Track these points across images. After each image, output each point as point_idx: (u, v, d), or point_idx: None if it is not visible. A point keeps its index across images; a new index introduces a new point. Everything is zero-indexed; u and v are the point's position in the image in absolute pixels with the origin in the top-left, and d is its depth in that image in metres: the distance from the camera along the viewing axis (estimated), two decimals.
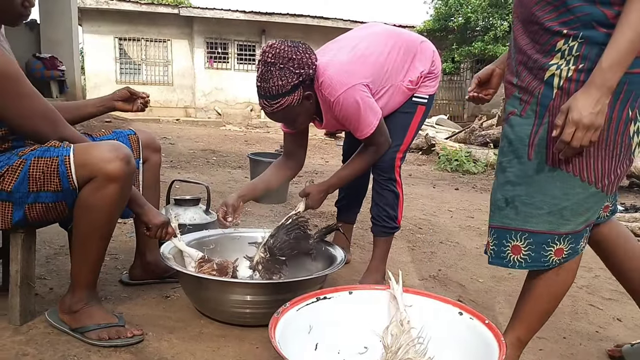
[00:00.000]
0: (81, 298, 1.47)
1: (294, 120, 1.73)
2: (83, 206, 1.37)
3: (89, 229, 1.40)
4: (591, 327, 1.82)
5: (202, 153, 6.22)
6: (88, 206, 1.37)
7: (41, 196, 1.36)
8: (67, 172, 1.33)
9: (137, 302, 1.76)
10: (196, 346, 1.48)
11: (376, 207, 1.99)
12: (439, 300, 1.41)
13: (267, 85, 1.60)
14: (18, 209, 1.37)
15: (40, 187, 1.35)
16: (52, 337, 1.46)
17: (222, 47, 14.17)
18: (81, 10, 12.13)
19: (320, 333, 1.36)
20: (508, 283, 2.24)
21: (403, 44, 1.89)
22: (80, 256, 1.45)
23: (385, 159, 1.91)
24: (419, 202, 3.99)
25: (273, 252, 1.70)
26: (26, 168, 1.34)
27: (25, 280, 1.49)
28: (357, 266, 2.27)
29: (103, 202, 1.36)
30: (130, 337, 1.45)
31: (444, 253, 2.65)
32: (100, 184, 1.34)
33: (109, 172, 1.33)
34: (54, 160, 1.34)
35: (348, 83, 1.68)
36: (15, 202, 1.36)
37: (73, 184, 1.35)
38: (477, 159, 6.40)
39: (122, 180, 1.36)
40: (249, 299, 1.56)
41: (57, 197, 1.37)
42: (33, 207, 1.37)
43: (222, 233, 2.02)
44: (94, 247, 1.44)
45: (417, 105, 1.95)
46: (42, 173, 1.34)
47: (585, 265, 2.56)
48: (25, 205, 1.37)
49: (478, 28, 13.62)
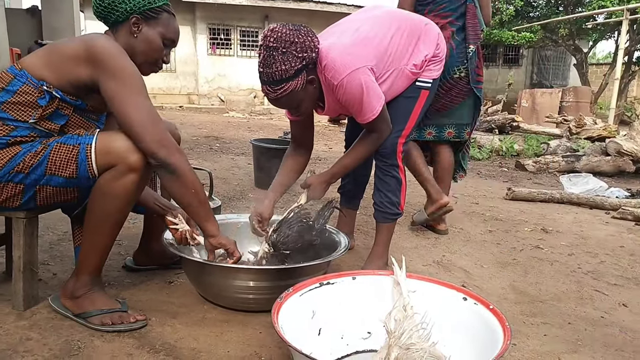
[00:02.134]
0: (85, 283, 1.47)
1: (298, 105, 1.70)
2: (100, 192, 1.38)
3: (102, 215, 1.41)
4: (596, 313, 1.81)
5: (205, 140, 6.21)
6: (105, 193, 1.38)
7: (54, 180, 1.37)
8: (87, 160, 1.35)
9: (140, 288, 1.76)
10: (199, 331, 1.48)
11: (378, 193, 1.97)
12: (442, 285, 1.40)
13: (270, 70, 1.56)
14: (29, 190, 1.38)
15: (55, 171, 1.36)
16: (56, 322, 1.46)
17: (224, 33, 14.06)
18: None
19: (323, 318, 1.36)
20: (512, 268, 2.23)
21: (407, 26, 1.85)
22: (90, 242, 1.45)
23: (387, 145, 1.88)
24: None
25: (277, 246, 1.70)
26: (47, 153, 1.35)
27: (28, 265, 1.49)
28: (361, 252, 2.26)
29: (121, 190, 1.38)
30: (133, 322, 1.45)
31: (448, 239, 2.63)
32: (120, 173, 1.36)
33: (130, 162, 1.36)
34: (75, 147, 1.36)
35: (352, 66, 1.64)
36: (29, 184, 1.37)
37: (92, 171, 1.36)
38: (482, 145, 6.35)
39: (142, 171, 1.39)
40: (252, 285, 1.56)
41: (69, 183, 1.38)
42: (43, 188, 1.38)
43: (224, 219, 2.02)
44: (105, 234, 1.44)
45: (421, 89, 1.91)
46: (61, 158, 1.35)
47: (591, 251, 2.54)
48: (37, 186, 1.37)
49: None
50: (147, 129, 1.35)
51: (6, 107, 1.34)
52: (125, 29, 1.47)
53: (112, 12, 1.45)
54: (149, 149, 1.36)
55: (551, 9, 12.91)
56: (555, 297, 1.94)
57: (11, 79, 1.36)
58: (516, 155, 6.21)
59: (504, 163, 5.80)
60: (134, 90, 1.36)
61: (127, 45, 1.45)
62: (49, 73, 1.36)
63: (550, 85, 15.16)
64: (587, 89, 10.71)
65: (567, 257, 2.43)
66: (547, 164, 5.25)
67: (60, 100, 1.38)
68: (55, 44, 1.43)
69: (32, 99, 1.35)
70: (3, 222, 1.75)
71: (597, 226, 3.08)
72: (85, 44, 1.35)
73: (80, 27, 8.54)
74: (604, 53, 30.27)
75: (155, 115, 1.39)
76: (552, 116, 8.12)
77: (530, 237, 2.74)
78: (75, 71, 1.35)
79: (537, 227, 2.94)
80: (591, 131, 6.31)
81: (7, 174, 1.34)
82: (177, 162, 1.40)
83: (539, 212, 3.35)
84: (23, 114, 1.35)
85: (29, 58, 1.39)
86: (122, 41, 1.45)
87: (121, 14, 1.45)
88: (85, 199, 1.46)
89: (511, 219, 3.13)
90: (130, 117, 1.34)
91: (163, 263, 1.93)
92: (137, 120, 1.35)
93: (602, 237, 2.81)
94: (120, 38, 1.47)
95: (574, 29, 12.29)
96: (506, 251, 2.48)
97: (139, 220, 1.86)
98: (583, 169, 5.05)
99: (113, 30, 1.49)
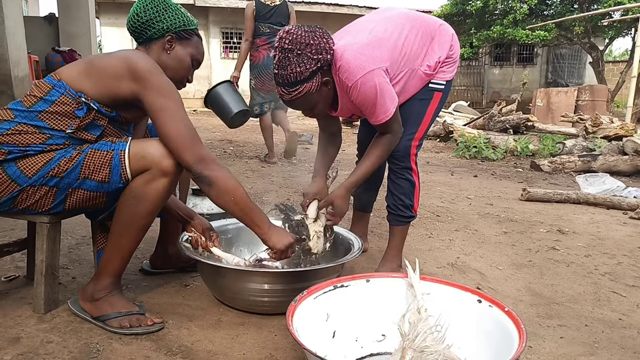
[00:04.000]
0: (105, 286, 1.50)
1: (313, 107, 1.71)
2: (131, 196, 1.42)
3: (131, 219, 1.45)
4: (614, 315, 1.79)
5: (219, 143, 6.26)
6: (136, 196, 1.42)
7: (86, 183, 1.41)
8: (121, 164, 1.40)
9: (157, 291, 1.79)
10: (215, 333, 1.50)
11: (392, 196, 1.97)
12: (457, 287, 1.40)
13: (285, 72, 1.57)
14: (61, 194, 1.42)
15: (88, 175, 1.40)
16: (75, 325, 1.49)
17: (237, 37, 14.16)
18: (98, 3, 12.24)
19: (337, 321, 1.36)
20: (528, 270, 2.21)
21: (421, 27, 1.85)
22: (114, 244, 1.48)
23: (400, 147, 1.88)
24: (437, 190, 3.95)
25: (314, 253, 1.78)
26: (82, 158, 1.40)
27: (49, 269, 1.53)
28: (375, 254, 2.26)
29: (152, 193, 1.42)
30: (150, 325, 1.48)
31: (462, 241, 2.62)
32: (153, 177, 1.41)
33: (164, 167, 1.41)
34: (109, 153, 1.41)
35: (367, 67, 1.64)
36: (62, 187, 1.41)
37: (125, 176, 1.41)
38: (497, 145, 6.29)
39: (173, 176, 1.45)
40: (267, 288, 1.57)
41: (100, 188, 1.43)
42: (75, 192, 1.43)
43: (239, 222, 2.03)
44: (130, 238, 1.48)
45: (434, 91, 1.91)
46: (95, 163, 1.40)
47: (608, 252, 2.51)
48: (69, 189, 1.41)
49: (497, 12, 13.31)
50: (187, 143, 1.42)
51: (43, 116, 1.40)
52: (158, 46, 1.55)
53: (148, 29, 1.53)
54: (187, 162, 1.42)
55: (566, 7, 12.74)
56: (572, 298, 1.92)
57: (49, 89, 1.41)
58: (531, 155, 6.14)
59: (518, 163, 5.74)
60: (176, 106, 1.43)
61: (159, 61, 1.53)
62: (88, 85, 1.42)
63: (566, 84, 14.97)
64: (603, 87, 10.54)
65: (583, 259, 2.41)
66: (563, 164, 5.19)
67: (97, 112, 1.44)
68: (92, 58, 1.50)
69: (70, 110, 1.40)
70: (24, 227, 1.79)
71: (615, 227, 3.03)
72: (127, 61, 1.41)
73: (96, 34, 8.69)
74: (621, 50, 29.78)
75: (194, 130, 1.46)
76: (567, 115, 8.00)
77: (546, 238, 2.71)
78: (117, 86, 1.42)
79: (553, 228, 2.91)
80: (608, 130, 6.21)
81: (42, 177, 1.39)
82: (215, 175, 1.45)
83: (555, 213, 3.32)
84: (60, 124, 1.40)
85: (66, 70, 1.45)
86: (154, 57, 1.53)
87: (157, 32, 1.53)
88: (112, 205, 1.50)
89: (526, 220, 3.10)
90: (172, 132, 1.41)
91: (179, 266, 1.96)
92: (178, 136, 1.41)
93: (619, 238, 2.77)
94: (152, 54, 1.55)
95: (590, 26, 12.12)
96: (521, 252, 2.46)
97: (155, 224, 1.89)
98: (600, 169, 4.98)
99: (145, 45, 1.56)
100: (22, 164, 1.38)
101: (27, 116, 1.39)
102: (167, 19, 1.54)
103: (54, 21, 8.14)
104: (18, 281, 1.81)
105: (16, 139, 1.38)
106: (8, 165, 1.38)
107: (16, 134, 1.38)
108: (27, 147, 1.38)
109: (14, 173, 1.38)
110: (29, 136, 1.38)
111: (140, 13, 1.53)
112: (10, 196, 1.40)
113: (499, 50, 15.37)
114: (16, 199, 1.41)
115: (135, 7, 1.54)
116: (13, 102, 1.44)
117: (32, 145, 1.39)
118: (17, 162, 1.38)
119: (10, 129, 1.38)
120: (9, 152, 1.37)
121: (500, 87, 15.84)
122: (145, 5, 1.54)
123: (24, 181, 1.38)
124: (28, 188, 1.39)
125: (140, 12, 1.53)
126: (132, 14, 1.54)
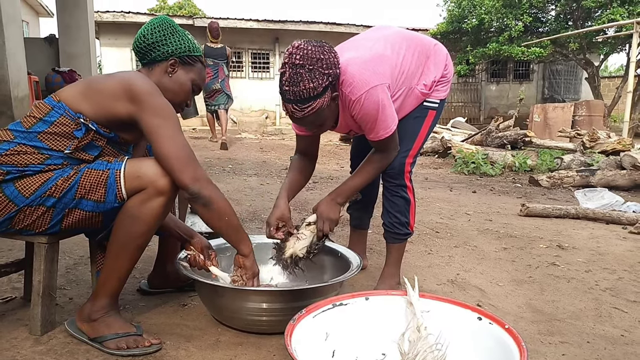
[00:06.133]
0: (102, 306, 1.49)
1: (322, 123, 1.67)
2: (127, 215, 1.42)
3: (127, 239, 1.44)
4: (616, 331, 1.77)
5: (218, 161, 6.26)
6: (132, 215, 1.42)
7: (83, 203, 1.41)
8: (116, 183, 1.40)
9: (154, 311, 1.77)
10: (213, 354, 1.48)
11: (387, 214, 1.96)
12: (457, 305, 1.39)
13: (297, 88, 1.52)
14: (58, 214, 1.42)
15: (84, 195, 1.40)
16: (72, 346, 1.48)
17: (236, 56, 14.29)
18: (98, 24, 12.38)
19: (337, 340, 1.35)
20: (528, 286, 2.20)
21: (417, 46, 1.87)
22: (111, 265, 1.48)
23: (395, 165, 1.88)
24: (435, 206, 3.95)
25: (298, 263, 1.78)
26: (78, 177, 1.40)
27: (47, 290, 1.52)
28: (374, 272, 2.25)
29: (148, 213, 1.42)
30: (148, 346, 1.46)
31: (462, 257, 2.61)
32: (148, 196, 1.41)
33: (159, 186, 1.41)
34: (105, 172, 1.41)
35: (371, 82, 1.64)
36: (59, 208, 1.41)
37: (121, 195, 1.41)
38: (495, 160, 6.31)
39: (169, 195, 1.44)
40: (265, 307, 1.56)
41: (97, 208, 1.43)
42: (72, 212, 1.42)
43: None
44: (128, 257, 1.47)
45: (428, 109, 1.92)
46: (90, 183, 1.40)
47: (609, 267, 2.50)
48: (66, 210, 1.41)
49: (492, 29, 13.48)
50: (183, 164, 1.42)
51: (43, 137, 1.41)
52: (161, 68, 1.57)
53: (153, 51, 1.55)
54: (184, 183, 1.43)
55: (560, 24, 12.90)
56: (573, 315, 1.91)
57: (49, 110, 1.42)
58: (529, 170, 6.16)
59: (517, 179, 5.75)
60: (172, 127, 1.44)
61: (160, 83, 1.54)
62: (87, 106, 1.43)
63: (562, 99, 15.06)
64: (599, 102, 10.62)
65: (584, 274, 2.39)
66: (561, 179, 5.20)
67: (95, 133, 1.44)
68: (91, 79, 1.52)
69: (69, 130, 1.41)
70: (21, 247, 1.78)
71: (614, 242, 3.03)
72: (124, 82, 1.43)
73: (95, 54, 8.76)
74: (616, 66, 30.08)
75: (190, 150, 1.47)
76: (564, 130, 8.05)
77: (546, 254, 2.71)
78: (114, 107, 1.43)
79: (553, 244, 2.91)
80: (605, 145, 6.24)
81: (39, 197, 1.39)
82: (210, 195, 1.47)
83: (554, 228, 3.31)
84: (59, 144, 1.41)
85: (66, 91, 1.47)
86: (155, 78, 1.55)
87: (161, 54, 1.55)
88: (109, 224, 1.49)
89: (526, 235, 3.09)
90: (168, 152, 1.42)
91: (178, 285, 1.95)
92: (174, 156, 1.42)
93: (619, 253, 2.77)
94: (154, 75, 1.56)
95: (584, 43, 12.25)
96: (522, 269, 2.45)
97: (153, 243, 1.89)
98: (598, 184, 4.99)
99: (148, 67, 1.58)
100: (19, 184, 1.38)
101: (26, 137, 1.40)
102: (173, 43, 1.56)
103: (54, 42, 8.21)
104: (15, 302, 1.80)
105: (15, 159, 1.38)
106: (6, 185, 1.38)
107: (15, 154, 1.38)
108: (25, 167, 1.39)
109: (11, 193, 1.38)
110: (27, 156, 1.39)
111: (147, 35, 1.55)
112: (8, 216, 1.40)
113: (495, 67, 15.49)
114: (13, 219, 1.41)
115: (144, 28, 1.56)
116: (13, 123, 1.45)
117: (31, 165, 1.39)
118: (15, 183, 1.39)
119: (9, 149, 1.39)
120: (7, 172, 1.38)
121: (497, 103, 15.94)
122: (153, 28, 1.55)
123: (21, 201, 1.38)
124: (25, 208, 1.39)
125: (147, 34, 1.55)
126: (140, 35, 1.56)
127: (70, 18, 7.84)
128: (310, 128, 1.75)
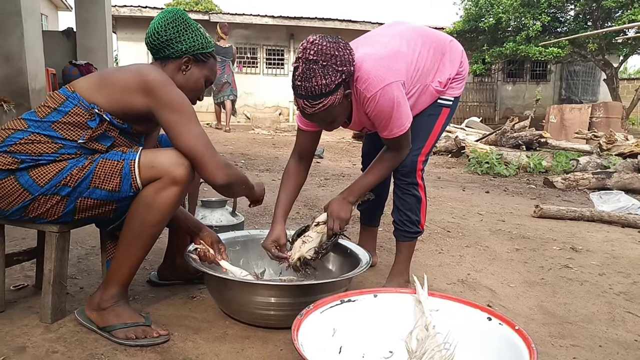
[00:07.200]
0: (112, 295, 1.50)
1: (333, 120, 1.65)
2: (142, 204, 1.43)
3: (141, 228, 1.45)
4: (629, 336, 1.74)
5: (231, 156, 6.29)
6: (147, 204, 1.43)
7: (96, 192, 1.43)
8: (131, 173, 1.41)
9: (163, 302, 1.78)
10: (220, 347, 1.49)
11: (398, 212, 1.94)
12: (466, 304, 1.38)
13: (309, 84, 1.49)
14: (71, 203, 1.43)
15: (99, 184, 1.42)
16: (81, 335, 1.49)
17: (251, 52, 14.32)
18: (115, 18, 12.48)
19: (344, 336, 1.34)
20: (540, 288, 2.17)
21: (432, 42, 1.84)
22: (123, 254, 1.49)
23: (407, 163, 1.85)
24: (447, 205, 3.92)
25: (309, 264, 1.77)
26: (93, 167, 1.41)
27: (57, 279, 1.53)
28: (383, 269, 2.24)
29: (163, 202, 1.43)
30: (156, 337, 1.47)
31: (473, 257, 2.59)
32: (164, 185, 1.42)
33: (175, 175, 1.42)
34: (120, 162, 1.42)
35: (387, 79, 1.61)
36: (73, 197, 1.42)
37: (136, 185, 1.42)
38: (509, 161, 6.24)
39: (184, 185, 1.45)
40: (273, 301, 1.56)
41: (110, 197, 1.44)
42: (84, 201, 1.43)
43: (247, 235, 2.03)
44: (140, 247, 1.48)
45: (442, 107, 1.89)
46: (105, 172, 1.41)
47: (623, 271, 2.45)
48: (80, 198, 1.43)
49: (509, 28, 13.32)
50: (205, 156, 1.45)
51: (56, 127, 1.42)
52: (174, 65, 1.58)
53: (167, 49, 1.55)
54: (210, 175, 1.46)
55: (579, 24, 12.70)
56: (586, 318, 1.87)
57: (63, 100, 1.44)
58: (544, 172, 6.08)
59: (531, 180, 5.68)
60: (190, 119, 1.46)
61: (173, 79, 1.54)
62: (101, 98, 1.44)
63: (580, 100, 14.85)
64: (618, 104, 10.44)
65: (597, 277, 2.35)
66: (577, 181, 5.13)
67: (109, 123, 1.45)
68: (106, 71, 1.53)
69: (83, 120, 1.42)
70: (34, 236, 1.81)
71: (630, 245, 2.97)
72: (138, 75, 1.44)
73: (112, 48, 8.85)
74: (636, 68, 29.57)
75: (209, 141, 1.48)
76: (581, 132, 7.93)
77: (559, 256, 2.67)
78: (130, 100, 1.44)
79: (566, 246, 2.86)
80: (622, 147, 6.13)
81: (54, 186, 1.40)
82: (232, 179, 1.52)
83: (568, 231, 3.27)
84: (72, 134, 1.42)
85: (80, 82, 1.48)
86: (168, 74, 1.55)
87: (175, 52, 1.56)
88: (122, 214, 1.51)
89: (539, 237, 3.05)
90: (189, 147, 1.45)
91: (187, 278, 1.96)
92: (197, 150, 1.44)
93: (634, 257, 2.72)
94: (167, 71, 1.57)
95: (604, 43, 12.05)
96: (534, 270, 2.42)
97: (163, 236, 1.89)
98: (614, 186, 4.91)
99: (162, 62, 1.58)
100: (34, 172, 1.40)
101: (40, 126, 1.41)
102: (186, 41, 1.55)
103: (72, 35, 8.31)
104: (26, 290, 1.82)
105: (29, 148, 1.40)
106: (21, 174, 1.40)
107: (29, 143, 1.40)
108: (39, 156, 1.40)
109: (26, 182, 1.39)
110: (41, 145, 1.40)
111: (160, 31, 1.54)
112: (22, 205, 1.42)
113: (511, 66, 15.33)
114: (27, 208, 1.43)
115: (156, 24, 1.55)
116: (27, 113, 1.46)
117: (45, 154, 1.40)
118: (30, 171, 1.40)
119: (23, 138, 1.40)
120: (22, 160, 1.39)
121: (513, 104, 15.77)
122: (166, 24, 1.54)
123: (36, 190, 1.40)
124: (40, 197, 1.41)
125: (160, 31, 1.54)
126: (152, 32, 1.55)
127: (88, 12, 7.92)
128: (321, 125, 1.74)
